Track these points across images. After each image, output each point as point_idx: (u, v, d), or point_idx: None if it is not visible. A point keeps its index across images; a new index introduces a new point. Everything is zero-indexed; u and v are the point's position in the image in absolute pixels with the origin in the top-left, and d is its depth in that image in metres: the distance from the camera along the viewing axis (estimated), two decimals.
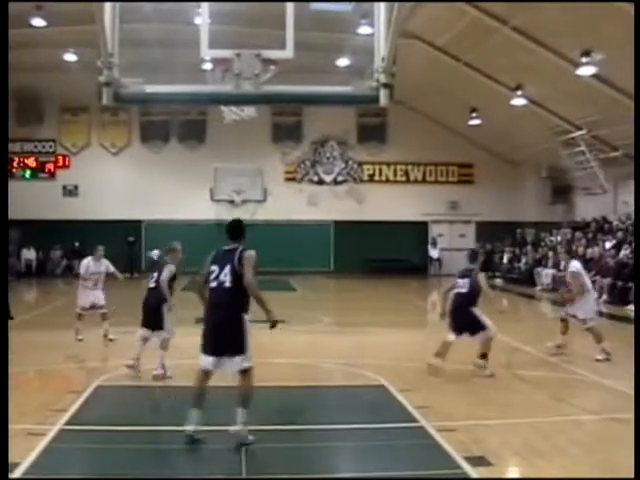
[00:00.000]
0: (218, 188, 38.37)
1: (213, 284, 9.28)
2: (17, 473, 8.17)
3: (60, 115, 39.68)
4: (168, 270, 13.36)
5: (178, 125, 39.39)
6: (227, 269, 9.22)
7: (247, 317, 9.30)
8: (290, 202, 38.56)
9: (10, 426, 9.52)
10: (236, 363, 9.21)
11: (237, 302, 9.22)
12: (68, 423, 10.14)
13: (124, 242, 37.22)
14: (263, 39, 13.88)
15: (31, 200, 37.62)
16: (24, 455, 8.72)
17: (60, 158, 39.82)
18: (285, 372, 13.91)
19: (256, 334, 9.35)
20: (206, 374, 9.40)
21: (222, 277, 9.23)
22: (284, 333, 17.55)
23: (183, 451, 9.13)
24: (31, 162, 39.70)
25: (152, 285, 13.59)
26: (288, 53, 11.04)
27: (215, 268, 9.31)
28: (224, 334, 9.20)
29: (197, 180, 37.64)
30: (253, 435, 9.11)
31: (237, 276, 9.19)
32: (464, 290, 13.58)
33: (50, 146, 39.81)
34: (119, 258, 36.49)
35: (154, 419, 10.79)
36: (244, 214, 36.92)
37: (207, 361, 9.31)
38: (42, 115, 39.50)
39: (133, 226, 37.94)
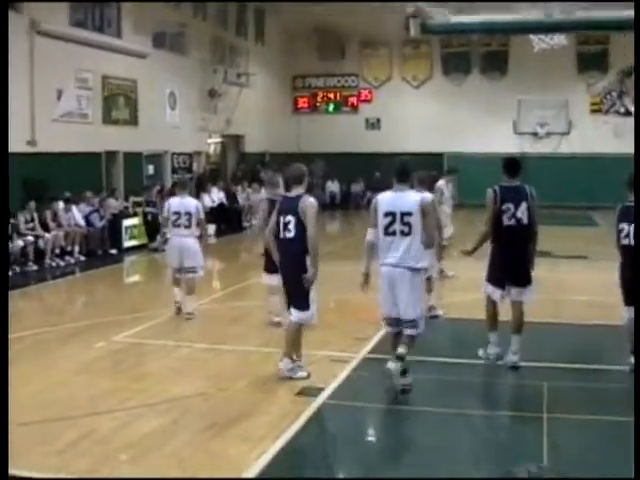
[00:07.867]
0: (521, 120, 37.57)
1: (511, 222, 9.30)
2: (321, 398, 8.42)
3: (361, 50, 40.19)
4: None
5: (479, 57, 38.68)
6: (523, 206, 9.30)
7: None
8: (595, 134, 37.08)
9: (312, 352, 9.86)
10: (527, 293, 9.47)
11: (530, 239, 9.43)
12: (372, 352, 10.34)
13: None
14: None
15: (334, 133, 38.62)
16: (327, 381, 8.99)
17: (363, 92, 40.47)
18: (583, 310, 13.14)
19: (556, 270, 9.13)
20: (494, 304, 9.66)
21: (519, 214, 9.29)
22: (585, 270, 17.06)
23: (484, 385, 9.11)
24: (334, 96, 40.63)
25: None
26: None
27: (510, 206, 9.31)
28: (520, 268, 9.41)
29: (499, 112, 36.95)
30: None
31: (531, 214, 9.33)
32: None
33: (353, 80, 40.45)
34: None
35: (457, 352, 10.75)
36: (547, 147, 36.23)
37: (498, 293, 9.48)
38: (343, 50, 40.13)
39: (434, 159, 37.72)
